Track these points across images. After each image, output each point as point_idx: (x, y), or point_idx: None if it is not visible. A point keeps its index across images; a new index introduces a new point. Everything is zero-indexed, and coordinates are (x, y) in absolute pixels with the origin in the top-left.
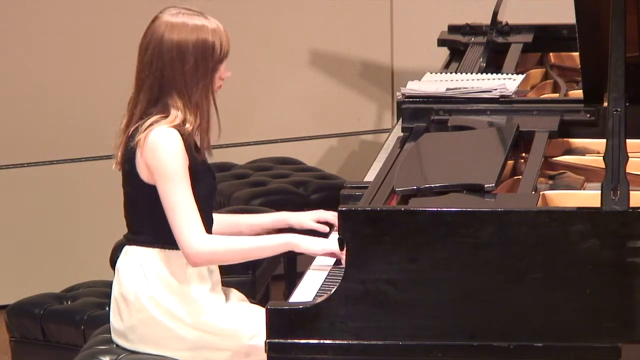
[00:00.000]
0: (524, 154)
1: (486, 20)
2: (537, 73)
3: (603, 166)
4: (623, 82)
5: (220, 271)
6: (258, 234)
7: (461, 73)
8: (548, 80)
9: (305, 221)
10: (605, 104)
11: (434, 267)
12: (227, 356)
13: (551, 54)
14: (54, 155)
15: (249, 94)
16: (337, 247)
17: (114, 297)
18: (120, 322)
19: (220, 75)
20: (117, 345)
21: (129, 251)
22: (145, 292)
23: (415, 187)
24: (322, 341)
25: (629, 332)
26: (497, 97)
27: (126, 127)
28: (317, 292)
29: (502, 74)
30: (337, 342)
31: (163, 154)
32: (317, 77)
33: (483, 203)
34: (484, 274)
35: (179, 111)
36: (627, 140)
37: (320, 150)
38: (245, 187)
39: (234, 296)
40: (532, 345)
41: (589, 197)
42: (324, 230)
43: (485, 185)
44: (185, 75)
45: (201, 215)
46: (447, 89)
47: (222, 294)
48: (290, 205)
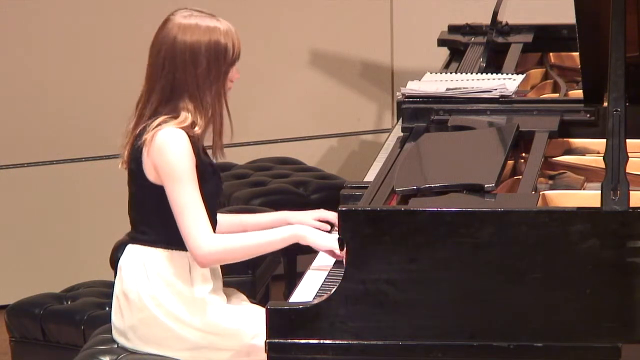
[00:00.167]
0: (524, 154)
1: (486, 20)
2: (537, 73)
3: (603, 166)
4: (623, 82)
5: (221, 271)
6: None
7: (461, 73)
8: (548, 80)
9: (306, 220)
10: (605, 104)
11: (434, 267)
12: (228, 356)
13: (551, 54)
14: (54, 155)
15: (249, 93)
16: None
17: (116, 294)
18: (121, 320)
19: (231, 78)
20: (117, 344)
21: (132, 250)
22: (147, 291)
23: (415, 187)
24: (322, 341)
25: (629, 332)
26: (497, 97)
27: (135, 126)
28: (317, 292)
29: (502, 74)
30: (337, 342)
31: (170, 154)
32: (317, 77)
33: (483, 203)
34: (484, 274)
35: (189, 113)
36: (627, 140)
37: (320, 150)
38: (245, 187)
39: (235, 296)
40: (532, 345)
41: (589, 197)
42: (326, 228)
43: (485, 185)
44: (198, 78)
45: (207, 216)
46: (447, 89)
47: (224, 295)
48: (290, 205)
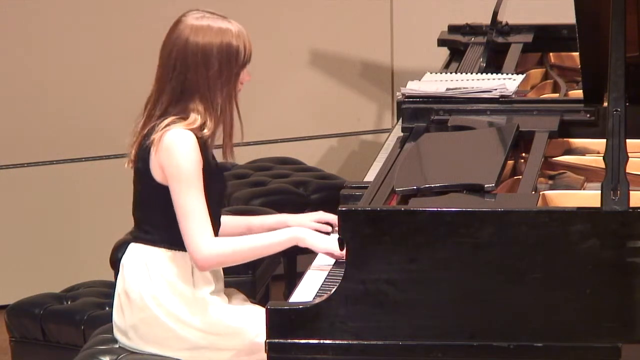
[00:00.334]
0: (524, 154)
1: (486, 20)
2: (537, 73)
3: (603, 166)
4: (623, 82)
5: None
6: None
7: (461, 73)
8: (548, 80)
9: (305, 223)
10: (605, 104)
11: (434, 267)
12: (228, 356)
13: (551, 54)
14: (54, 155)
15: (249, 93)
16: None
17: (118, 293)
18: (122, 318)
19: (242, 80)
20: (118, 344)
21: (135, 249)
22: (149, 291)
23: (415, 187)
24: (322, 341)
25: (629, 332)
26: (497, 97)
27: (143, 126)
28: (317, 292)
29: (502, 74)
30: (337, 342)
31: (177, 155)
32: (317, 77)
33: (483, 203)
34: (484, 274)
35: (199, 115)
36: (627, 140)
37: (320, 150)
38: (245, 187)
39: (236, 297)
40: (532, 345)
41: (589, 197)
42: (326, 229)
43: (485, 185)
44: (209, 80)
45: (210, 217)
46: (447, 89)
47: (225, 296)
48: (290, 205)
